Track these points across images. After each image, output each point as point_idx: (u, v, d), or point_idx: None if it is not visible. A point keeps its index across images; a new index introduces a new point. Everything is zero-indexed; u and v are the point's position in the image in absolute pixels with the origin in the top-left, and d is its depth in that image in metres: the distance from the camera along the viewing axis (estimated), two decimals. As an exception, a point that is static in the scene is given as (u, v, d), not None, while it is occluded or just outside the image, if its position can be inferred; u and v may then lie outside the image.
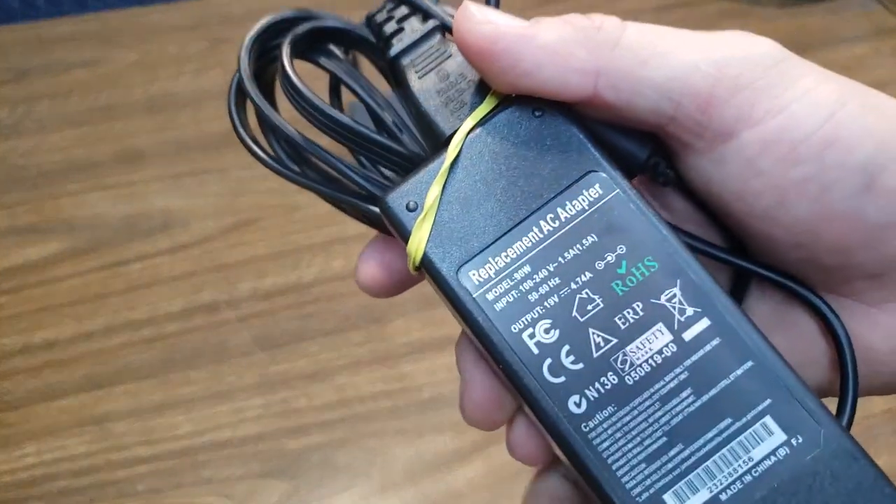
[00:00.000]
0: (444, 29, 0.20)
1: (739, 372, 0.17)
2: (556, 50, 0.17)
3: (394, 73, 0.20)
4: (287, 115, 0.21)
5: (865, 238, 0.17)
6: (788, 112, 0.17)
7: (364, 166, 0.20)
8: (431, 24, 0.20)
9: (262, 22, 0.21)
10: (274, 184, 0.32)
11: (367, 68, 0.23)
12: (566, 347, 0.17)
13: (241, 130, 0.21)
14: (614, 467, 0.17)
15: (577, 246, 0.18)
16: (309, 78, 0.20)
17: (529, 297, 0.17)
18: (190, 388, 0.50)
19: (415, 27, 0.20)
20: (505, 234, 0.18)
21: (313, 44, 0.21)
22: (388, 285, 0.20)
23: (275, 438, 0.49)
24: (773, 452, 0.16)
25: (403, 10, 0.20)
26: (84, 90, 0.67)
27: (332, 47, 0.21)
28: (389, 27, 0.20)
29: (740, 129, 0.17)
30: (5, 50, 0.69)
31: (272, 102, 0.20)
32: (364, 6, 0.23)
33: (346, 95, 0.22)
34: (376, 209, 0.19)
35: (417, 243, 0.18)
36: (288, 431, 0.49)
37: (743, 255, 0.20)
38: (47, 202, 0.60)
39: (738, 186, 0.18)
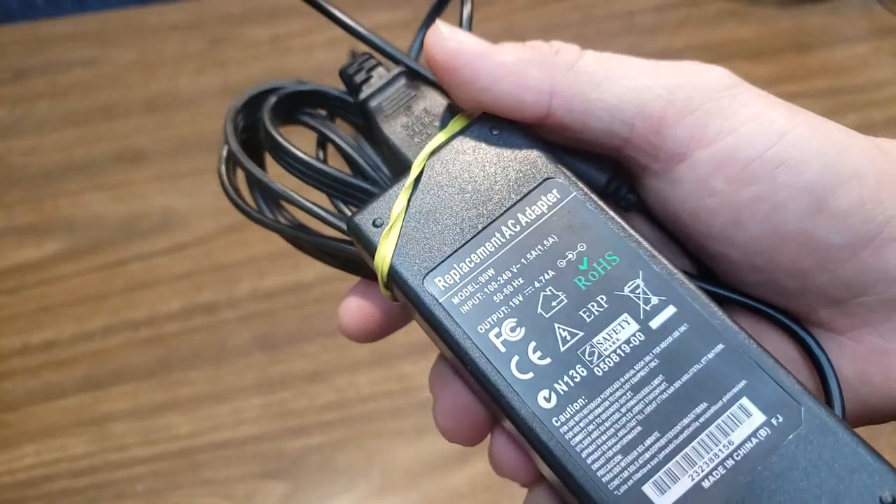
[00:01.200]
0: (410, 73, 0.22)
1: (711, 355, 0.17)
2: (512, 68, 0.19)
3: (364, 117, 0.22)
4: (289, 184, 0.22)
5: (819, 260, 0.17)
6: (739, 133, 0.18)
7: (339, 210, 0.22)
8: (396, 70, 0.22)
9: (246, 94, 0.23)
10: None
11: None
12: (533, 344, 0.17)
13: (228, 188, 0.23)
14: (589, 461, 0.16)
15: (539, 247, 0.18)
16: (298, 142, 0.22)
17: (494, 298, 0.18)
18: (189, 389, 0.50)
19: (381, 74, 0.22)
20: (468, 241, 0.18)
21: (294, 108, 0.23)
22: (372, 327, 0.21)
23: (274, 439, 0.48)
24: (754, 434, 0.16)
25: (372, 61, 0.22)
26: (83, 90, 0.66)
27: (311, 110, 0.23)
28: (359, 77, 0.22)
29: (693, 149, 0.18)
30: (4, 50, 0.69)
31: (261, 166, 0.23)
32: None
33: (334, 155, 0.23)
34: (349, 245, 0.20)
35: (383, 256, 0.19)
36: (287, 432, 0.49)
37: (716, 282, 0.20)
38: (46, 202, 0.60)
39: (693, 206, 0.18)
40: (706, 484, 0.16)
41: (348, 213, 0.21)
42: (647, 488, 0.16)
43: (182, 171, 0.61)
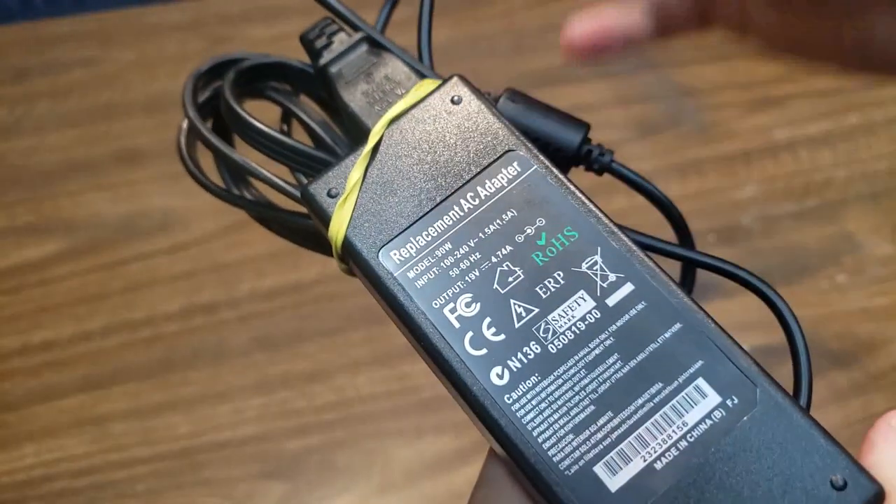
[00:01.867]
0: (370, 40, 0.21)
1: (668, 335, 0.16)
2: None
3: (324, 83, 0.21)
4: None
5: None
6: None
7: (300, 183, 0.21)
8: (358, 36, 0.21)
9: (207, 63, 0.22)
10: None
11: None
12: (487, 320, 0.17)
13: (188, 162, 0.23)
14: (540, 440, 0.16)
15: (497, 221, 0.18)
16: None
17: (450, 273, 0.17)
18: (189, 389, 0.50)
19: (342, 40, 0.21)
20: (425, 214, 0.18)
21: (258, 81, 0.22)
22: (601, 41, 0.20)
23: (274, 439, 0.48)
24: (709, 415, 0.16)
25: (334, 27, 0.22)
26: (83, 90, 0.66)
27: (276, 83, 0.22)
28: (320, 42, 0.21)
29: None
30: (4, 50, 0.69)
31: (230, 143, 0.22)
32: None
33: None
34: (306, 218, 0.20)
35: (338, 227, 0.18)
36: (287, 432, 0.49)
37: (688, 248, 0.20)
38: (46, 202, 0.59)
39: None
40: (658, 465, 0.16)
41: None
42: (599, 469, 0.16)
43: (182, 172, 0.60)
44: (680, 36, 0.21)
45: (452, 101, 0.19)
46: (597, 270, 0.17)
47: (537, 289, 0.17)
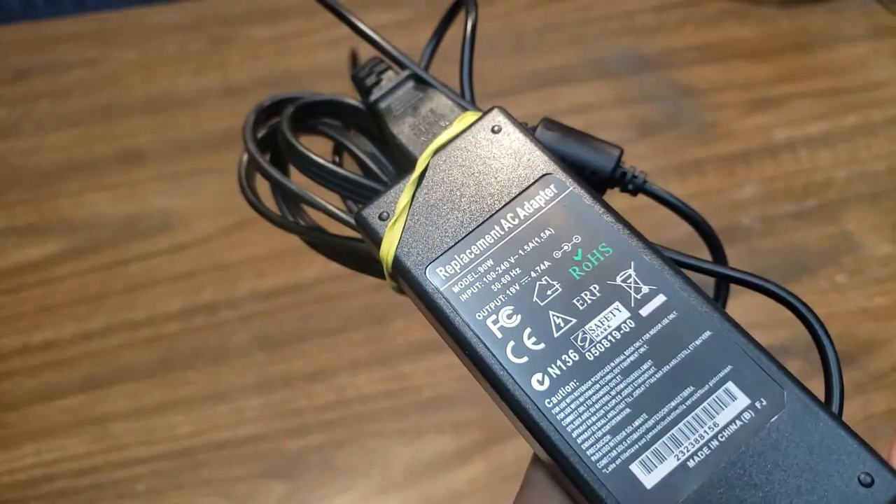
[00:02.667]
0: (416, 77, 0.23)
1: (698, 342, 0.17)
2: None
3: (374, 117, 0.23)
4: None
5: None
6: None
7: (350, 209, 0.23)
8: (405, 73, 0.23)
9: (265, 102, 0.24)
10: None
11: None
12: (528, 330, 0.18)
13: (249, 194, 0.24)
14: (579, 440, 0.17)
15: (536, 239, 0.19)
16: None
17: (493, 287, 0.19)
18: (189, 389, 0.50)
19: (390, 77, 0.23)
20: (469, 233, 0.19)
21: (311, 117, 0.24)
22: None
23: (274, 439, 0.48)
24: (738, 416, 0.17)
25: (382, 66, 0.23)
26: (83, 90, 0.67)
27: (328, 119, 0.24)
28: (370, 80, 0.23)
29: None
30: (5, 50, 0.69)
31: (285, 173, 0.24)
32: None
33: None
34: (361, 243, 0.21)
35: (388, 247, 0.20)
36: (288, 432, 0.49)
37: (720, 264, 0.21)
38: (47, 202, 0.60)
39: None
40: (691, 463, 0.16)
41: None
42: (635, 467, 0.16)
43: (182, 172, 0.61)
44: None
45: (493, 131, 0.21)
46: (630, 283, 0.18)
47: (574, 301, 0.18)
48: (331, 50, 0.68)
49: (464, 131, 0.21)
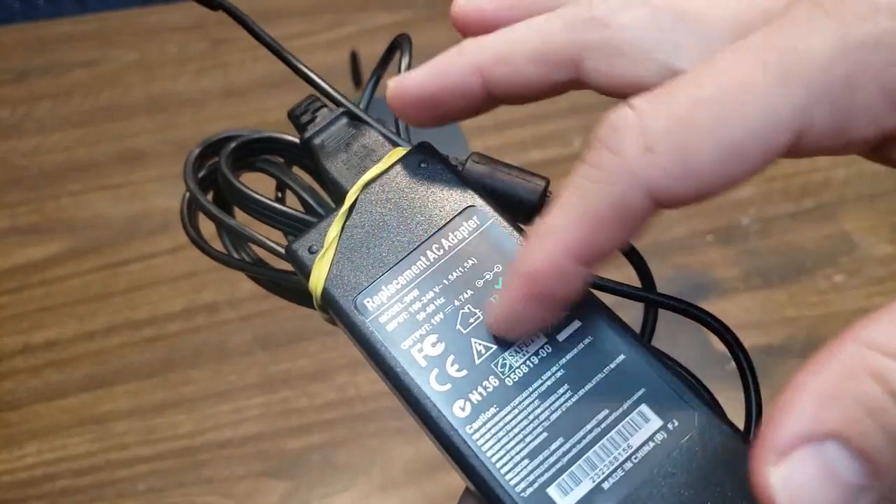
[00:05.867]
0: (350, 114, 0.24)
1: (612, 366, 0.18)
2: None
3: (309, 153, 0.24)
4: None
5: None
6: None
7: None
8: (339, 111, 0.24)
9: (202, 142, 0.25)
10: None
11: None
12: (451, 357, 0.19)
13: (191, 232, 0.25)
14: (498, 465, 0.17)
15: (459, 269, 0.20)
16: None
17: (418, 316, 0.19)
18: (191, 388, 0.51)
19: (324, 115, 0.24)
20: (396, 264, 0.20)
21: (251, 154, 0.25)
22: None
23: (275, 438, 0.49)
24: (651, 438, 0.17)
25: (317, 104, 0.24)
26: (85, 90, 0.67)
27: (268, 156, 0.25)
28: (305, 117, 0.24)
29: None
30: (6, 50, 0.69)
31: (228, 212, 0.25)
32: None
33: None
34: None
35: (317, 279, 0.20)
36: (288, 431, 0.49)
37: (645, 288, 0.22)
38: (48, 202, 0.60)
39: None
40: (606, 485, 0.17)
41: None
42: (552, 490, 0.17)
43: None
44: None
45: (419, 165, 0.22)
46: None
47: None
48: (331, 50, 0.68)
49: (392, 166, 0.22)
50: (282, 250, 0.22)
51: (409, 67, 0.24)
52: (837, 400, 0.13)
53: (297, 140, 0.24)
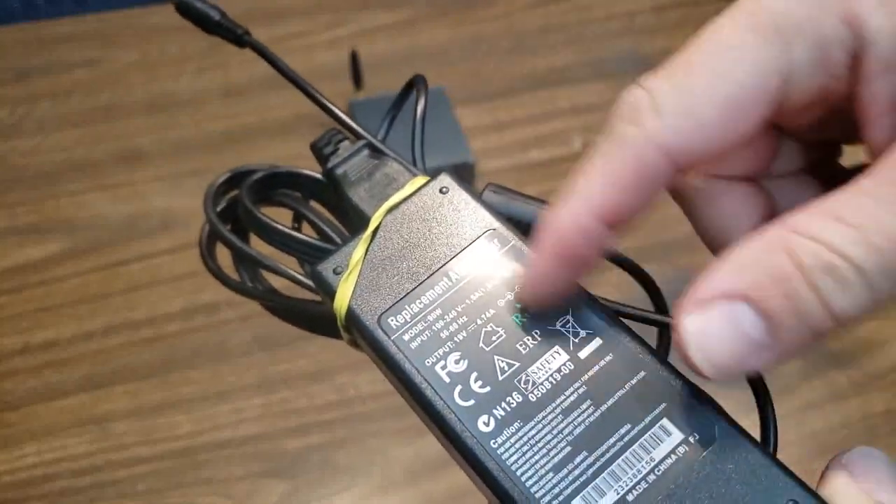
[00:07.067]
0: (371, 146, 0.25)
1: (633, 382, 0.19)
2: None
3: (332, 183, 0.25)
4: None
5: None
6: None
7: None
8: (360, 143, 0.25)
9: (222, 176, 0.26)
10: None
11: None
12: (474, 374, 0.19)
13: (210, 263, 0.26)
14: (524, 478, 0.18)
15: (482, 289, 0.20)
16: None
17: (441, 334, 0.20)
18: (190, 388, 0.50)
19: (346, 146, 0.25)
20: (419, 285, 0.21)
21: (269, 189, 0.26)
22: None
23: (275, 438, 0.49)
24: (673, 451, 0.18)
25: (340, 136, 0.25)
26: (84, 90, 0.67)
27: (286, 190, 0.26)
28: (328, 149, 0.25)
29: None
30: (6, 50, 0.69)
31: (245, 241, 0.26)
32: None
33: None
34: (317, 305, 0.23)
35: (342, 299, 0.21)
36: (288, 431, 0.49)
37: (659, 312, 0.22)
38: (48, 202, 0.60)
39: None
40: (630, 497, 0.17)
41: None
42: (577, 502, 0.17)
43: (183, 172, 0.61)
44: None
45: (441, 192, 0.22)
46: (569, 328, 0.20)
47: (518, 346, 0.20)
48: (331, 50, 0.68)
49: (415, 192, 0.22)
50: (303, 279, 0.23)
51: (424, 108, 0.25)
52: (752, 267, 0.15)
53: (316, 174, 0.25)
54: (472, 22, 0.72)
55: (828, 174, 0.21)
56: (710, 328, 0.15)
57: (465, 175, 0.57)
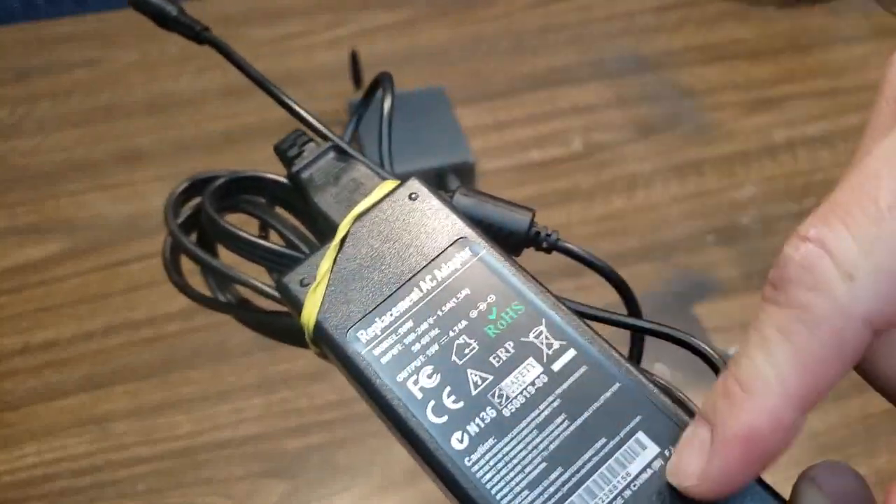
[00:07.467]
0: (337, 149, 0.24)
1: (608, 394, 0.18)
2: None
3: (297, 187, 0.24)
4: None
5: None
6: None
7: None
8: (326, 145, 0.24)
9: (181, 184, 0.25)
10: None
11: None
12: (447, 389, 0.19)
13: (175, 277, 0.25)
14: (498, 497, 0.17)
15: (453, 300, 0.20)
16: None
17: (412, 348, 0.19)
18: (190, 388, 0.50)
19: (312, 149, 0.24)
20: (389, 296, 0.20)
21: (232, 195, 0.25)
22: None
23: (275, 438, 0.49)
24: (649, 465, 0.17)
25: (305, 138, 0.24)
26: (84, 90, 0.67)
27: (250, 196, 0.25)
28: (292, 151, 0.24)
29: None
30: (6, 50, 0.69)
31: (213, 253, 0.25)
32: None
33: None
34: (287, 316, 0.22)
35: (309, 312, 0.20)
36: (288, 431, 0.49)
37: (633, 316, 0.22)
38: (48, 202, 0.60)
39: None
40: None
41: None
42: None
43: (183, 172, 0.60)
44: None
45: (410, 198, 0.21)
46: (542, 339, 0.19)
47: (491, 358, 0.19)
48: (331, 50, 0.68)
49: (383, 198, 0.22)
50: (272, 291, 0.22)
51: (391, 107, 0.24)
52: None
53: (281, 178, 0.24)
54: (472, 22, 0.72)
55: None
56: None
57: (465, 175, 0.57)
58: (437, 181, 0.56)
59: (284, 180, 0.24)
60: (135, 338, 0.53)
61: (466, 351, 0.19)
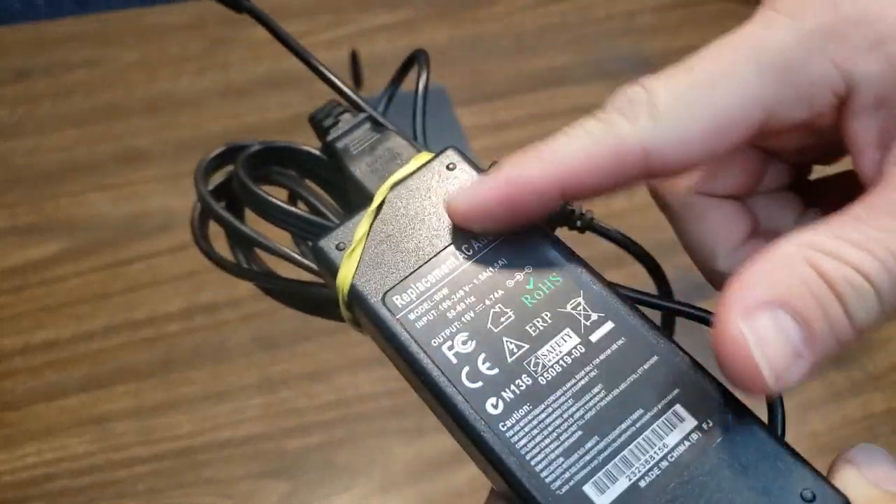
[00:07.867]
0: (373, 120, 0.24)
1: (646, 366, 0.18)
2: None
3: (332, 156, 0.24)
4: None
5: None
6: None
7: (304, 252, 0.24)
8: (362, 115, 0.24)
9: (216, 150, 0.25)
10: (274, 183, 0.33)
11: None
12: (482, 355, 0.19)
13: (202, 244, 0.25)
14: (533, 462, 0.17)
15: (490, 269, 0.20)
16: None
17: (448, 314, 0.19)
18: (190, 388, 0.50)
19: (347, 119, 0.24)
20: (425, 263, 0.20)
21: (264, 165, 0.25)
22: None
23: (275, 438, 0.49)
24: (686, 437, 0.17)
25: (340, 108, 0.25)
26: (85, 90, 0.67)
27: (280, 168, 0.25)
28: (328, 121, 0.24)
29: None
30: (7, 50, 0.69)
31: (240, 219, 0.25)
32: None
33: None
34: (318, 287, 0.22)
35: (345, 276, 0.20)
36: (288, 431, 0.49)
37: (665, 297, 0.22)
38: (48, 202, 0.60)
39: None
40: (642, 483, 0.17)
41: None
42: (588, 488, 0.17)
43: (183, 172, 0.61)
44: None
45: (447, 168, 0.22)
46: (580, 311, 0.19)
47: (527, 327, 0.19)
48: (331, 50, 0.68)
49: (420, 168, 0.22)
50: (301, 259, 0.22)
51: (426, 84, 0.24)
52: (785, 278, 0.15)
53: (314, 150, 0.25)
54: (472, 22, 0.72)
55: (803, 189, 0.22)
56: (764, 335, 0.15)
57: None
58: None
59: (318, 152, 0.24)
60: (135, 338, 0.53)
61: (502, 319, 0.19)
